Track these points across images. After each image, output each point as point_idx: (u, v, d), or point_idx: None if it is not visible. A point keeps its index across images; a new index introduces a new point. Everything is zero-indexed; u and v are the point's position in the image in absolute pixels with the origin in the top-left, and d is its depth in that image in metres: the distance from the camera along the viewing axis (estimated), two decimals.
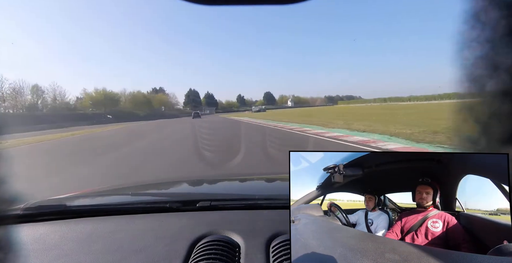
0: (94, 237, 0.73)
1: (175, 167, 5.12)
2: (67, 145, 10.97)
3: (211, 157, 5.79)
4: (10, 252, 0.25)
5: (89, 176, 4.65)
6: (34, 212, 0.82)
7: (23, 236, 0.73)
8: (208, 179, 1.76)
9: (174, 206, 0.89)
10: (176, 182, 1.54)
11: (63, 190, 1.63)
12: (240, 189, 1.43)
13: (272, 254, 0.64)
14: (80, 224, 0.81)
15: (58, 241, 0.72)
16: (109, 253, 0.66)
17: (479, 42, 0.29)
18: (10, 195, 0.25)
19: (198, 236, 0.71)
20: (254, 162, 5.03)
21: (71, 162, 6.45)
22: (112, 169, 5.23)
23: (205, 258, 0.61)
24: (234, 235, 0.72)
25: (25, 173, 4.77)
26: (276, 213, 0.85)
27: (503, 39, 0.28)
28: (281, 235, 0.69)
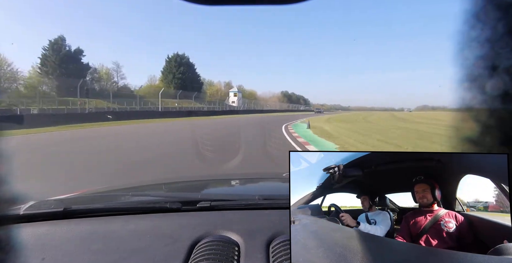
0: (94, 237, 0.73)
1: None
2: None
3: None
4: (11, 252, 0.25)
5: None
6: (34, 212, 0.82)
7: (23, 236, 0.73)
8: (208, 179, 1.76)
9: (174, 206, 0.89)
10: (176, 182, 1.55)
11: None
12: (240, 189, 1.43)
13: (272, 254, 0.64)
14: (80, 224, 0.81)
15: (58, 241, 0.72)
16: (109, 253, 0.66)
17: (479, 42, 0.29)
18: (10, 195, 0.25)
19: (198, 236, 0.71)
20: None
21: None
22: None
23: (205, 258, 0.61)
24: (234, 235, 0.72)
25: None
26: (276, 213, 0.85)
27: (503, 39, 0.28)
28: (281, 235, 0.69)
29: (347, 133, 11.34)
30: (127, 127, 14.62)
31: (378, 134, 11.01)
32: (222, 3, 0.31)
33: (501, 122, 0.30)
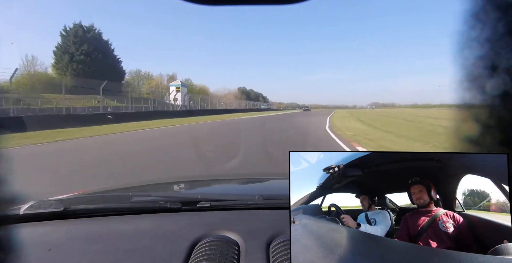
0: (94, 237, 0.73)
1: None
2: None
3: None
4: (11, 252, 0.25)
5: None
6: (34, 212, 0.82)
7: (23, 236, 0.73)
8: (208, 179, 1.76)
9: (174, 206, 0.89)
10: (176, 183, 1.55)
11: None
12: (240, 189, 1.43)
13: (272, 254, 0.64)
14: (80, 224, 0.81)
15: (58, 241, 0.72)
16: (109, 253, 0.66)
17: (479, 42, 0.29)
18: (10, 195, 0.25)
19: (198, 236, 0.71)
20: None
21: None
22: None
23: (205, 258, 0.61)
24: (234, 235, 0.72)
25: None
26: (276, 213, 0.85)
27: (503, 39, 0.28)
28: (281, 235, 0.69)
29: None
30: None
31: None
32: (222, 3, 0.32)
33: (501, 122, 0.30)
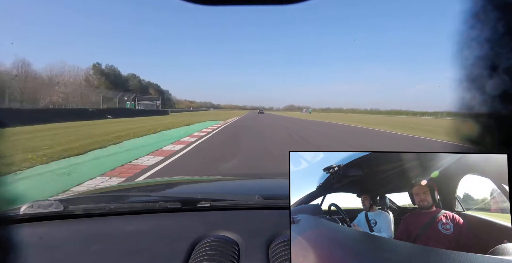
0: (94, 238, 0.73)
1: None
2: None
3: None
4: (11, 252, 0.25)
5: None
6: (34, 212, 0.82)
7: (23, 236, 0.73)
8: (208, 179, 1.76)
9: (174, 206, 0.89)
10: (176, 182, 1.55)
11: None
12: (240, 189, 1.43)
13: (272, 254, 0.64)
14: (80, 225, 0.81)
15: (58, 241, 0.72)
16: (108, 254, 0.66)
17: (479, 42, 0.29)
18: (10, 195, 0.25)
19: (198, 236, 0.71)
20: None
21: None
22: None
23: (205, 258, 0.61)
24: (234, 235, 0.72)
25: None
26: (276, 213, 0.85)
27: (503, 39, 0.28)
28: (281, 236, 0.69)
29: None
30: None
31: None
32: (222, 3, 0.31)
33: (501, 122, 0.30)
